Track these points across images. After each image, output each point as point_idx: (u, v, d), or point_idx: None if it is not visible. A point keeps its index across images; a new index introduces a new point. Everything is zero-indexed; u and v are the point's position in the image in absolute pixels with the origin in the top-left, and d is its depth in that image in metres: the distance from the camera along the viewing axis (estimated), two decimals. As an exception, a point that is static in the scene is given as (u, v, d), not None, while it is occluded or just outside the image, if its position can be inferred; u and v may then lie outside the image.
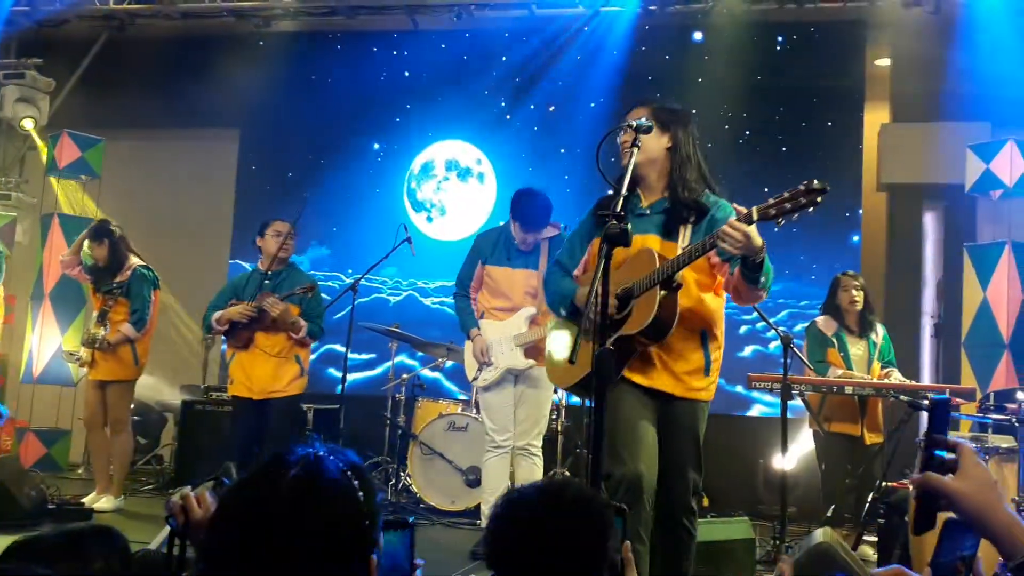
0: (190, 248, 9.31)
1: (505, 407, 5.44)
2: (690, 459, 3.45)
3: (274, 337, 5.83)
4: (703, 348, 3.46)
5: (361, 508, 1.39)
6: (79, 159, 8.69)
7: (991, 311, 6.77)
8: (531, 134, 8.90)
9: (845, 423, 5.76)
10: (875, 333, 5.92)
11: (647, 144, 3.42)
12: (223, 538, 1.37)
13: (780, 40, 8.57)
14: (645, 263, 3.33)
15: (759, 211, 3.10)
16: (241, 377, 5.86)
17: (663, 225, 3.46)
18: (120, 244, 6.45)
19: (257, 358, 5.83)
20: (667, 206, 3.49)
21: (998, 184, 6.99)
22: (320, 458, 1.41)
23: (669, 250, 3.38)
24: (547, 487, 1.78)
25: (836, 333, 5.88)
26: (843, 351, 5.82)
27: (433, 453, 6.59)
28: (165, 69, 9.17)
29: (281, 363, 5.83)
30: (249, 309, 5.77)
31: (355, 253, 8.56)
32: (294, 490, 1.35)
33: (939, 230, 8.33)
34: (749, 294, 3.33)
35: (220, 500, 1.45)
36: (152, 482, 7.59)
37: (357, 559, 1.38)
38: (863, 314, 5.91)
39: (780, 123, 8.38)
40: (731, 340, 7.44)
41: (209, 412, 7.44)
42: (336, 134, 9.26)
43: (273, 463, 1.39)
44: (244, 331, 5.85)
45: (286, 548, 1.31)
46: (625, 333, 3.33)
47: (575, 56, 8.74)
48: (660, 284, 3.25)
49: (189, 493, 1.80)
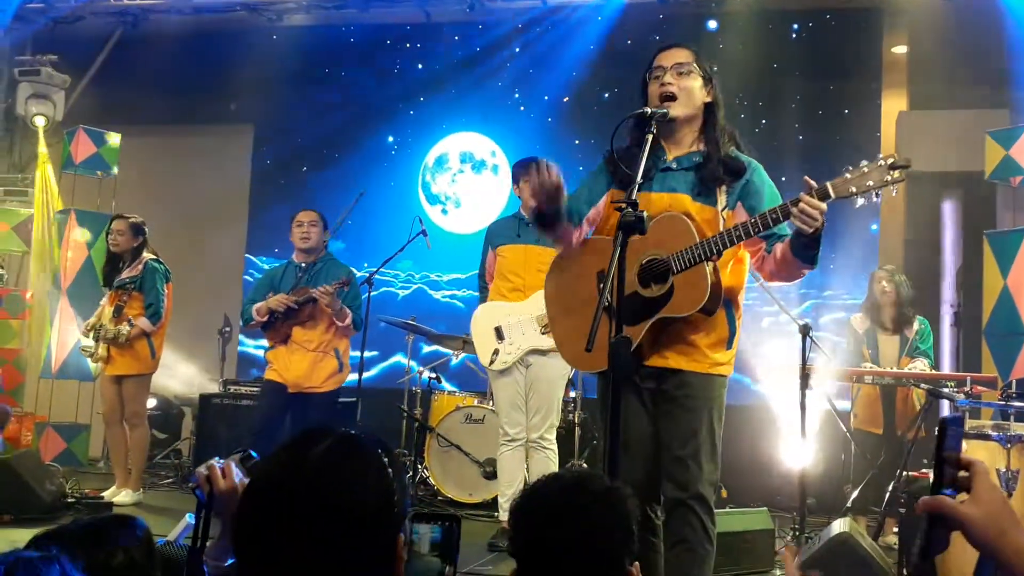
0: (205, 243, 9.33)
1: (515, 399, 5.32)
2: (699, 440, 3.06)
3: (312, 332, 5.75)
4: (727, 317, 3.12)
5: (391, 484, 1.38)
6: (95, 155, 8.71)
7: (1012, 298, 6.69)
8: (545, 125, 8.87)
9: (868, 424, 5.81)
10: (910, 328, 5.91)
11: (693, 91, 3.13)
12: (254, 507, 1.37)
13: (795, 28, 8.51)
14: (680, 232, 2.98)
15: (837, 188, 2.80)
16: (278, 365, 5.79)
17: (695, 184, 3.11)
18: (145, 244, 6.54)
19: (295, 353, 5.76)
20: (699, 161, 3.13)
21: (1018, 170, 6.91)
22: (352, 434, 1.42)
23: (703, 213, 3.07)
24: (572, 479, 1.76)
25: (868, 330, 5.90)
26: (872, 348, 5.84)
27: (450, 445, 6.58)
28: (179, 64, 9.17)
29: (319, 358, 5.76)
30: (288, 300, 5.68)
31: (370, 246, 8.55)
32: (326, 460, 1.36)
33: (958, 218, 8.26)
34: (795, 272, 3.02)
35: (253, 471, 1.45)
36: (171, 476, 7.62)
37: (386, 535, 1.37)
38: (898, 307, 5.89)
39: (797, 112, 8.32)
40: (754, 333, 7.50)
41: (227, 406, 7.46)
42: (350, 128, 9.27)
43: (305, 436, 1.40)
44: (282, 326, 5.76)
45: (317, 517, 1.31)
46: (672, 315, 3.00)
47: (589, 46, 8.71)
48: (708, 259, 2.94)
49: (215, 464, 1.79)
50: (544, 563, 1.64)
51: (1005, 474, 4.13)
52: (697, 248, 2.94)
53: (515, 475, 5.35)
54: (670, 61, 3.15)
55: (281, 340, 5.78)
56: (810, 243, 2.87)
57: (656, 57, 3.21)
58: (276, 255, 9.37)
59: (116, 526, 1.92)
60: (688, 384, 3.08)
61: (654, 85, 3.15)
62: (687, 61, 3.15)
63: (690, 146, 3.19)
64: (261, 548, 1.34)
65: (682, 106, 3.11)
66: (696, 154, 3.16)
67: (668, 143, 3.14)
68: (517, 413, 5.33)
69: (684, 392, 3.08)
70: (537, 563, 1.66)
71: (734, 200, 3.10)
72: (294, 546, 1.31)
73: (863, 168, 2.79)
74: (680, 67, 3.14)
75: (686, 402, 3.08)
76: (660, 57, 3.19)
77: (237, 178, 9.65)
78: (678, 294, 2.98)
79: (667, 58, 3.17)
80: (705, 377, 3.09)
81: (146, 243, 6.54)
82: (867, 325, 5.94)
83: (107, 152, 8.77)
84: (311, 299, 5.64)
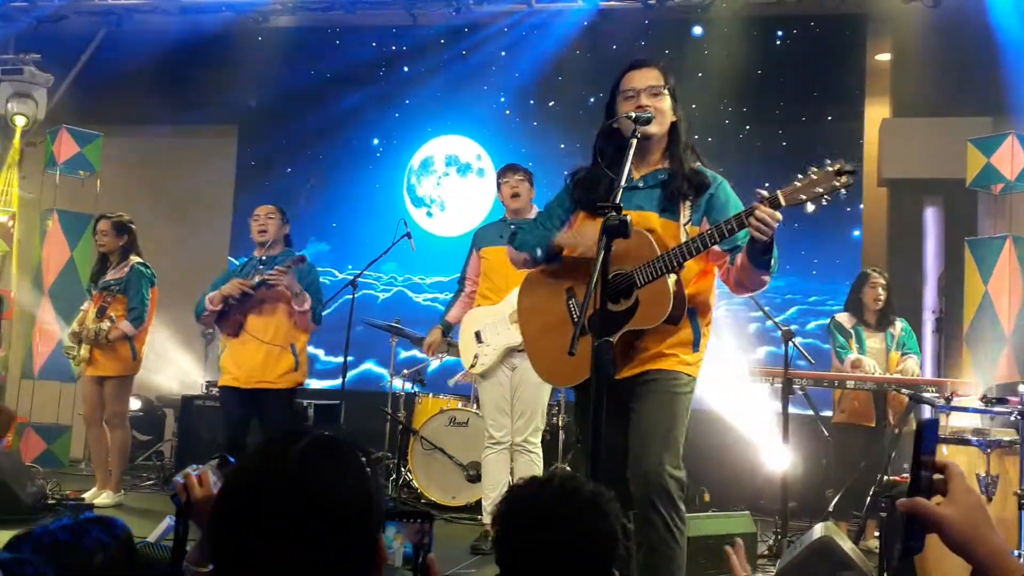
0: (189, 243, 9.29)
1: (501, 402, 5.33)
2: (661, 431, 3.06)
3: (267, 319, 5.47)
4: (691, 322, 3.16)
5: (370, 484, 1.37)
6: (77, 154, 8.67)
7: (993, 305, 6.76)
8: (531, 129, 8.88)
9: (858, 415, 5.83)
10: (892, 326, 5.97)
11: (665, 112, 3.18)
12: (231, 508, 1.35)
13: (780, 34, 8.55)
14: (642, 246, 3.02)
15: (787, 196, 2.84)
16: (231, 367, 5.52)
17: (660, 200, 3.16)
18: (132, 242, 6.48)
19: (248, 345, 5.46)
20: (664, 179, 3.19)
21: (999, 178, 6.97)
22: (329, 434, 1.40)
23: (668, 229, 3.12)
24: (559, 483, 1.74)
25: (855, 326, 5.96)
26: (859, 343, 5.88)
27: (434, 448, 6.58)
28: (163, 64, 9.14)
29: (274, 351, 5.46)
30: (244, 284, 5.39)
31: (354, 249, 8.54)
32: (304, 460, 1.34)
33: (940, 224, 8.32)
34: (756, 279, 3.04)
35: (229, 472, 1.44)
36: (152, 477, 7.59)
37: (366, 536, 1.36)
38: (883, 310, 5.96)
39: (780, 118, 8.38)
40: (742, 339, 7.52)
41: (209, 407, 7.43)
42: (335, 129, 9.26)
43: (282, 437, 1.38)
44: (236, 314, 5.49)
45: (296, 517, 1.30)
46: (639, 328, 3.06)
47: (575, 51, 8.73)
48: (670, 271, 2.98)
49: (191, 472, 1.79)
50: (531, 569, 1.63)
51: (985, 479, 4.16)
52: (658, 261, 2.99)
53: (499, 478, 5.35)
54: (643, 83, 3.19)
55: (234, 331, 5.53)
56: (764, 249, 2.93)
57: (627, 77, 3.24)
58: (260, 257, 9.34)
59: (96, 526, 1.91)
60: (653, 380, 3.13)
61: (627, 105, 3.18)
62: (659, 84, 3.20)
63: (655, 164, 3.25)
64: (238, 549, 1.32)
65: (657, 125, 3.16)
66: (661, 171, 3.22)
67: (634, 162, 3.10)
68: (502, 416, 5.33)
69: (649, 388, 3.13)
70: (523, 569, 1.65)
71: (699, 215, 3.15)
72: (272, 547, 1.29)
73: (811, 175, 2.83)
74: (653, 89, 3.19)
75: (651, 397, 3.12)
76: (632, 78, 3.23)
77: (221, 179, 9.62)
78: (643, 307, 3.03)
79: (640, 79, 3.21)
80: (670, 372, 3.13)
81: (134, 242, 6.48)
82: (853, 322, 5.99)
83: (90, 152, 8.72)
84: (265, 282, 5.38)
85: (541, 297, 3.37)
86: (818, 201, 2.83)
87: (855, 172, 2.80)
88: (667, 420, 3.10)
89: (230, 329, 5.56)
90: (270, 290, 5.44)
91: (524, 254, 3.34)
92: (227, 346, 5.64)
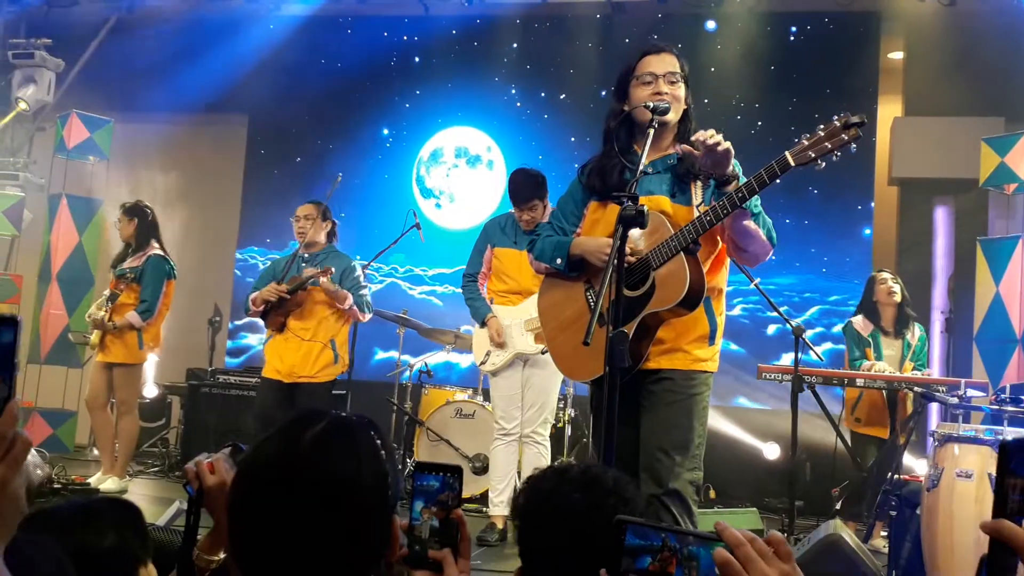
0: (197, 232, 9.29)
1: (513, 394, 5.40)
2: (675, 433, 3.04)
3: (307, 321, 5.68)
4: (707, 313, 3.12)
5: (385, 466, 1.37)
6: (88, 139, 8.66)
7: (1004, 305, 6.71)
8: (542, 122, 8.86)
9: (874, 426, 5.82)
10: (911, 333, 5.93)
11: (681, 99, 3.16)
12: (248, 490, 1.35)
13: (794, 31, 8.52)
14: (655, 228, 2.99)
15: (794, 155, 2.81)
16: (274, 360, 5.73)
17: (672, 184, 3.14)
18: (149, 227, 6.52)
19: (290, 342, 5.69)
20: (674, 163, 3.16)
21: (1013, 178, 6.92)
22: (345, 416, 1.41)
23: (680, 212, 3.09)
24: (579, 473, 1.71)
25: (872, 333, 5.92)
26: (877, 351, 5.86)
27: (440, 440, 6.56)
28: (174, 52, 9.12)
29: (314, 347, 5.67)
30: (280, 289, 5.59)
31: (363, 239, 8.52)
32: (320, 441, 1.34)
33: (950, 224, 8.28)
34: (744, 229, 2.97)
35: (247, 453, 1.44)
36: (158, 464, 7.59)
37: (381, 516, 1.36)
38: (901, 308, 5.92)
39: (793, 114, 8.33)
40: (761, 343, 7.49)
41: (216, 395, 7.43)
42: (345, 120, 9.25)
43: (298, 419, 1.38)
44: (278, 315, 5.70)
45: (313, 498, 1.30)
46: (656, 310, 2.99)
47: (587, 43, 8.71)
48: (684, 249, 2.94)
49: (202, 460, 1.78)
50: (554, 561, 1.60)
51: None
52: (673, 240, 2.95)
53: (508, 470, 5.38)
54: (662, 68, 3.15)
55: (277, 329, 5.74)
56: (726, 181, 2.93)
57: (645, 61, 3.19)
58: (268, 245, 9.34)
59: (108, 507, 1.90)
60: (668, 379, 3.09)
61: (644, 90, 3.14)
62: (676, 70, 3.17)
63: (666, 149, 3.21)
64: (256, 531, 1.32)
65: (673, 114, 3.13)
66: (671, 156, 3.19)
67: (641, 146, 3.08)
68: (513, 408, 5.38)
69: (663, 387, 3.09)
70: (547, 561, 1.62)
71: (709, 195, 3.10)
72: (287, 529, 1.29)
73: (819, 132, 2.81)
74: (672, 76, 3.15)
75: (665, 396, 3.08)
76: (650, 62, 3.18)
77: (230, 168, 9.60)
78: (660, 289, 2.99)
79: (659, 64, 3.16)
80: (685, 373, 3.10)
81: (150, 228, 6.53)
82: (870, 329, 5.95)
83: (100, 138, 8.71)
84: (302, 286, 5.59)
85: (560, 294, 3.35)
86: (828, 157, 2.79)
87: (863, 123, 2.77)
88: (682, 421, 3.07)
89: (275, 327, 5.76)
90: (306, 292, 5.62)
91: (544, 264, 3.33)
92: (271, 337, 5.82)
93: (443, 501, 1.61)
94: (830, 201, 7.89)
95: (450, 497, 1.62)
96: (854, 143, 2.77)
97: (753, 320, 7.75)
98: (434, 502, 1.61)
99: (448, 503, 1.62)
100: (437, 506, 1.61)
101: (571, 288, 3.29)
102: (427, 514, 1.61)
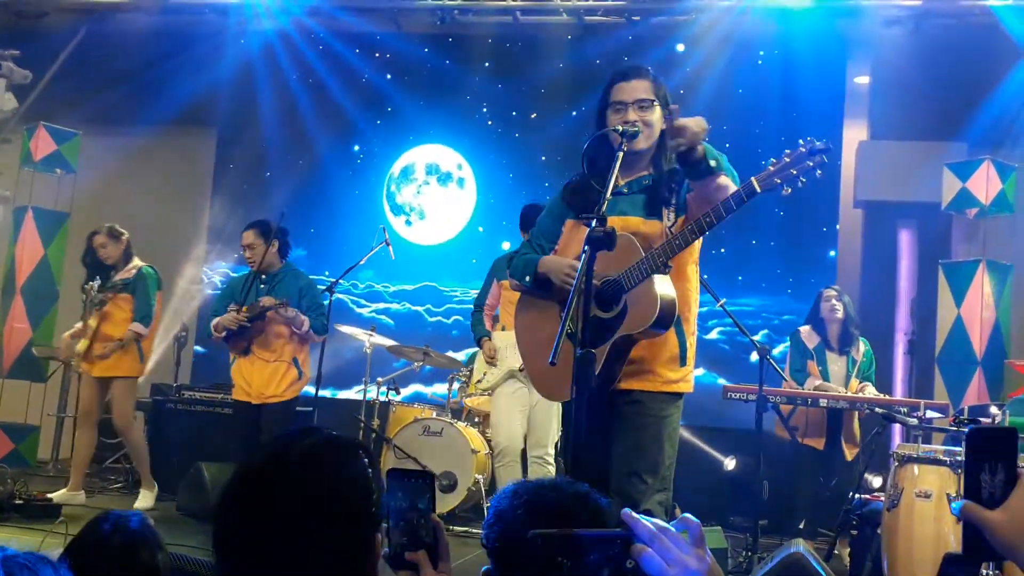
0: (164, 246, 9.21)
1: (510, 410, 5.54)
2: (645, 456, 3.05)
3: (271, 341, 5.80)
4: (677, 333, 3.13)
5: (371, 482, 1.40)
6: (55, 152, 8.58)
7: (965, 328, 6.83)
8: (512, 140, 8.90)
9: (813, 437, 5.86)
10: (856, 349, 5.99)
11: (654, 124, 3.16)
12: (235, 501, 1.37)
13: (761, 54, 8.62)
14: (626, 249, 3.00)
15: (760, 181, 2.86)
16: (241, 382, 5.87)
17: (644, 204, 3.17)
18: (130, 246, 6.60)
19: (255, 364, 5.82)
20: (648, 184, 3.19)
21: (974, 203, 7.06)
22: (333, 433, 1.44)
23: (652, 228, 3.12)
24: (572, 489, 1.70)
25: (817, 347, 5.97)
26: (822, 365, 5.91)
27: (407, 457, 6.54)
28: (144, 64, 9.08)
29: (279, 368, 5.81)
30: (240, 318, 5.72)
31: (332, 255, 8.51)
32: (309, 456, 1.37)
33: (914, 247, 8.40)
34: (710, 184, 3.02)
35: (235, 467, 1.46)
36: (121, 480, 7.50)
37: (365, 531, 1.39)
38: (845, 326, 5.98)
39: (759, 137, 8.42)
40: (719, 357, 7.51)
41: (180, 411, 7.36)
42: (316, 135, 9.23)
43: (289, 435, 1.41)
44: (241, 339, 5.82)
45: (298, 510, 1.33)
46: (628, 333, 3.01)
47: (557, 63, 8.76)
48: (655, 270, 2.97)
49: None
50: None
51: (955, 498, 4.19)
52: (644, 262, 2.98)
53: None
54: (631, 96, 3.15)
55: (241, 352, 5.86)
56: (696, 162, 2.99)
57: (616, 88, 3.21)
58: (236, 260, 9.29)
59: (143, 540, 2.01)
60: (638, 402, 3.11)
61: (616, 117, 3.17)
62: (647, 97, 3.17)
63: (642, 171, 3.23)
64: (240, 541, 1.35)
65: (644, 139, 3.15)
66: (646, 177, 3.22)
67: (620, 170, 3.06)
68: (512, 424, 5.53)
69: (634, 410, 3.11)
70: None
71: (681, 205, 3.16)
72: (273, 540, 1.32)
73: (785, 158, 2.85)
74: (642, 102, 3.16)
75: (635, 419, 3.10)
76: (621, 90, 3.19)
77: (199, 181, 9.56)
78: (632, 311, 3.01)
79: (628, 92, 3.17)
80: (655, 395, 3.11)
81: (130, 243, 6.61)
82: (816, 341, 6.01)
83: (67, 150, 8.64)
84: (260, 315, 5.71)
85: (535, 314, 3.37)
86: (793, 182, 2.84)
87: (828, 150, 2.82)
88: (652, 445, 3.08)
89: (239, 350, 5.87)
90: (265, 318, 5.74)
91: (516, 281, 3.38)
92: (236, 360, 5.92)
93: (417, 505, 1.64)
94: (796, 223, 7.98)
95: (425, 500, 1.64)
96: (819, 169, 2.81)
97: (732, 344, 7.76)
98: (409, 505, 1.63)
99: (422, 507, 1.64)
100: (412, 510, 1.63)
101: (546, 308, 3.30)
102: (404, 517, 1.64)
